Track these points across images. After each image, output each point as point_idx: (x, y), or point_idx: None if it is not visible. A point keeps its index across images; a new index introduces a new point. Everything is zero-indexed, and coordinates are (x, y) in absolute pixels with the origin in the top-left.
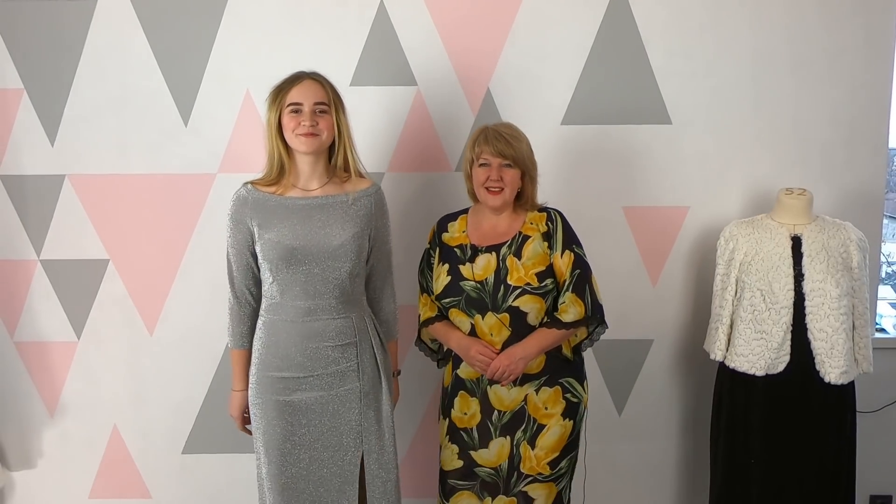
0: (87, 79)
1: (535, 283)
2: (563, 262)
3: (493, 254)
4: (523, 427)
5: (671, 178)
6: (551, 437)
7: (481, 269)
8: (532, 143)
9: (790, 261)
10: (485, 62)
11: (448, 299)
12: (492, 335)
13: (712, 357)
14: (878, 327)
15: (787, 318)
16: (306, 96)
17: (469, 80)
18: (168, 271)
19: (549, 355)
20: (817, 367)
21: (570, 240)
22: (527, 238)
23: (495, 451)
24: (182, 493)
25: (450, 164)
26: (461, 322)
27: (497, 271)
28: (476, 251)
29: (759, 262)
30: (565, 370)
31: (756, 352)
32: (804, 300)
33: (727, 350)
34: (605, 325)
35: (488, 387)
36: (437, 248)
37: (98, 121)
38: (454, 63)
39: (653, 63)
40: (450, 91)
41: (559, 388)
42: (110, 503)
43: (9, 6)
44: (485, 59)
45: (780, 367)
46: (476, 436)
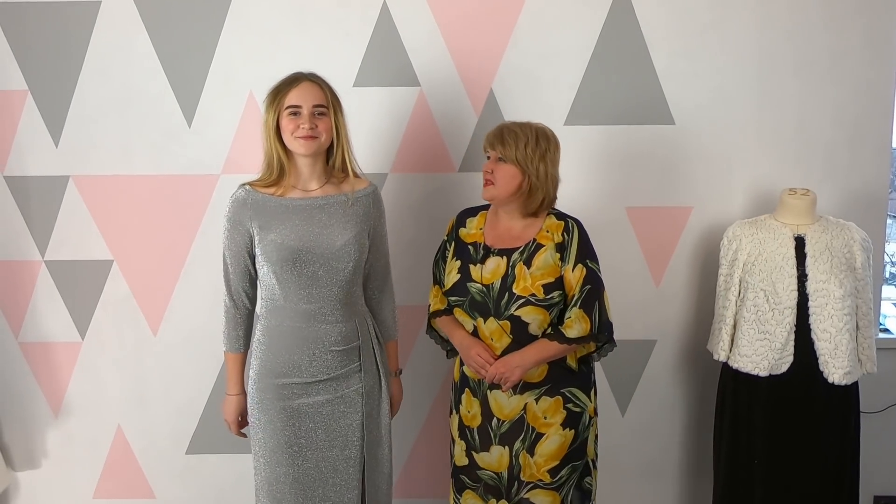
0: (91, 80)
1: (540, 295)
2: (574, 276)
3: (504, 258)
4: (522, 437)
5: (674, 179)
6: (550, 445)
7: (490, 272)
8: None
9: (794, 261)
10: (488, 63)
11: (454, 298)
12: (492, 340)
13: (716, 357)
14: (881, 327)
15: (790, 318)
16: (305, 98)
17: (472, 81)
18: (172, 272)
19: (551, 365)
20: (821, 368)
21: (585, 254)
22: (540, 247)
23: (496, 458)
24: (186, 493)
25: (453, 165)
26: (464, 322)
27: (504, 277)
28: (488, 252)
29: (763, 262)
30: (569, 380)
31: (759, 352)
32: (808, 301)
33: (730, 350)
34: (613, 344)
35: (488, 391)
36: (453, 242)
37: (102, 122)
38: (457, 63)
39: (656, 63)
40: (453, 92)
41: (560, 398)
42: (114, 503)
43: (13, 8)
44: (488, 59)
45: (784, 368)
46: (477, 437)
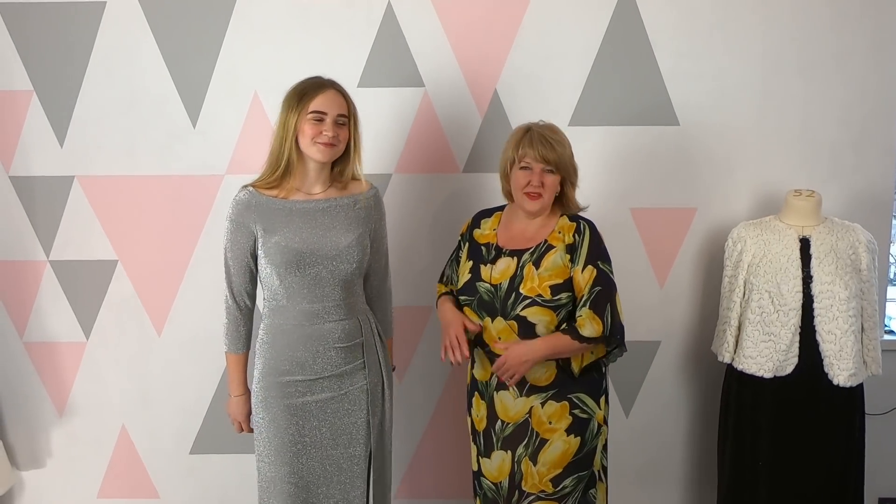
0: (96, 81)
1: (547, 296)
2: (584, 277)
3: (515, 258)
4: (525, 442)
5: (679, 180)
6: (553, 452)
7: (500, 272)
8: None
9: (798, 262)
10: (492, 63)
11: (464, 297)
12: (500, 339)
13: (720, 359)
14: (886, 329)
15: (795, 320)
16: (331, 106)
17: (476, 82)
18: (176, 272)
19: (559, 368)
20: (826, 370)
21: (596, 255)
22: (550, 248)
23: (497, 465)
24: (190, 493)
25: (457, 166)
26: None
27: (513, 278)
28: (500, 253)
29: (768, 263)
30: (577, 385)
31: (764, 354)
32: (812, 302)
33: (735, 352)
34: (623, 348)
35: (495, 392)
36: (467, 243)
37: (107, 122)
38: (462, 64)
39: (660, 64)
40: (457, 92)
41: (567, 403)
42: (119, 503)
43: (18, 9)
44: (492, 60)
45: (789, 370)
46: (482, 442)
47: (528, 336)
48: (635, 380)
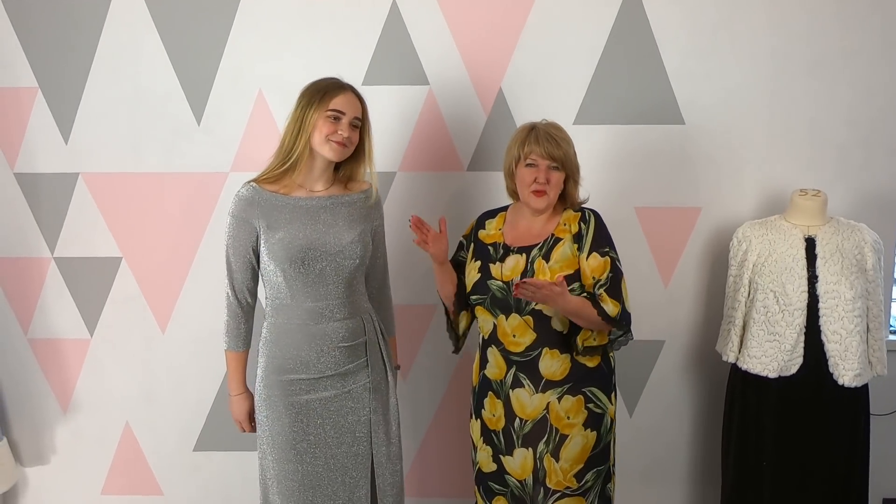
0: (101, 78)
1: None
2: (590, 264)
3: (524, 255)
4: (545, 438)
5: (684, 179)
6: (574, 447)
7: (510, 269)
8: None
9: (804, 262)
10: (497, 61)
11: (475, 296)
12: (514, 336)
13: (724, 359)
14: (892, 329)
15: (800, 320)
16: (349, 108)
17: (481, 80)
18: (180, 269)
19: (573, 362)
20: (831, 370)
21: (602, 242)
22: (558, 241)
23: (519, 463)
24: (193, 490)
25: (461, 164)
26: (485, 320)
27: (524, 273)
28: (508, 251)
29: (773, 263)
30: (590, 379)
31: (769, 354)
32: (818, 302)
33: (739, 352)
34: (629, 335)
35: (511, 390)
36: (472, 244)
37: (111, 119)
38: (466, 62)
39: (666, 63)
40: (462, 90)
41: (582, 397)
42: (122, 500)
43: (24, 6)
44: (497, 58)
45: (793, 370)
46: (502, 440)
47: (544, 330)
48: (639, 379)
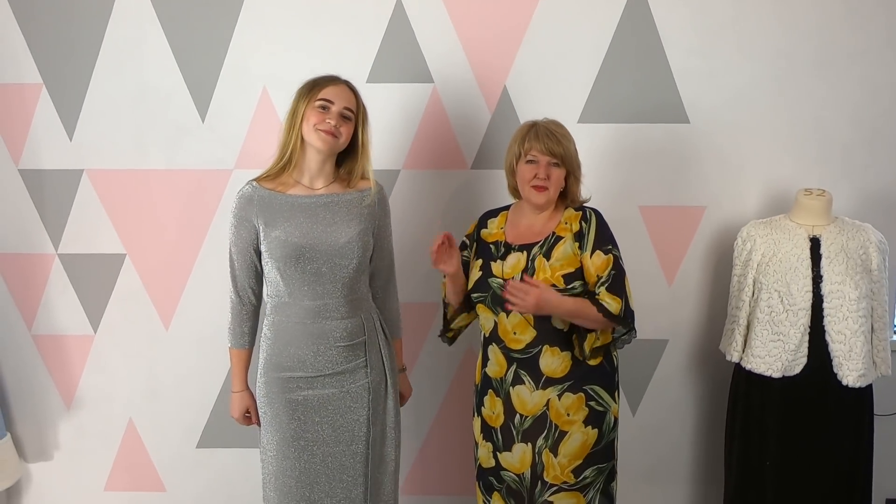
0: (106, 74)
1: (560, 285)
2: (594, 262)
3: (524, 253)
4: (545, 434)
5: (688, 178)
6: (573, 444)
7: (510, 267)
8: None
9: (808, 262)
10: (501, 59)
11: (476, 294)
12: (515, 334)
13: (728, 358)
14: None
15: (804, 319)
16: (338, 97)
17: (485, 78)
18: (184, 266)
19: (574, 360)
20: (835, 370)
21: (605, 240)
22: (559, 239)
23: (518, 457)
24: (196, 486)
25: (466, 162)
26: (486, 318)
27: (524, 270)
28: (509, 249)
29: (777, 263)
30: (591, 377)
31: (773, 353)
32: (822, 302)
33: (743, 351)
34: (633, 333)
35: (511, 387)
36: (475, 243)
37: (116, 116)
38: (471, 60)
39: (671, 61)
40: (466, 88)
41: (583, 394)
42: (125, 496)
43: (28, 2)
44: (501, 56)
45: (797, 370)
46: (501, 437)
47: (544, 327)
48: (642, 378)
